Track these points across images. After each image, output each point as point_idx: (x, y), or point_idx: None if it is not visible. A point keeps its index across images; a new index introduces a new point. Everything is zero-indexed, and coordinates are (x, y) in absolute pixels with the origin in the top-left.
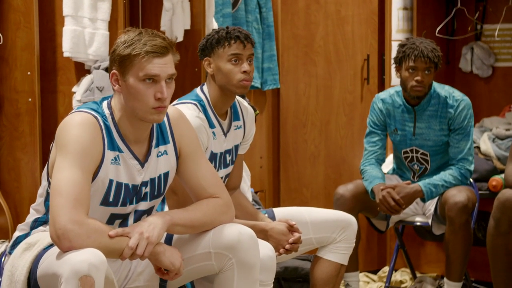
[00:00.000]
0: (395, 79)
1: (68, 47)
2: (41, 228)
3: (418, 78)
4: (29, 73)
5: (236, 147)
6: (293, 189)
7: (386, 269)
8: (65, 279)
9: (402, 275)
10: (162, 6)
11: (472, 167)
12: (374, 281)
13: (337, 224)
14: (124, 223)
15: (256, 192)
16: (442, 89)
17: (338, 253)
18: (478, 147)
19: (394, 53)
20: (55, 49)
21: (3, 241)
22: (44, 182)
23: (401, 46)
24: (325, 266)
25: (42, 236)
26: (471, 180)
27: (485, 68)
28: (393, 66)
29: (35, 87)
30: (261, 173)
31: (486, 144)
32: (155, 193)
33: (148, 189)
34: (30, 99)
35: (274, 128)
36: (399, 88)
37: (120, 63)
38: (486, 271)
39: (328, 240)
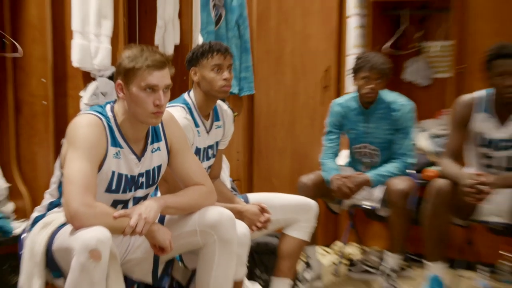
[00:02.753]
0: (350, 87)
1: (76, 58)
2: (55, 209)
3: (371, 86)
4: (43, 80)
5: (217, 143)
6: (264, 178)
7: (339, 243)
8: (77, 252)
9: (352, 249)
10: (155, 24)
11: (412, 161)
12: (329, 253)
13: (300, 207)
14: (125, 207)
15: (233, 181)
16: (390, 96)
17: (301, 231)
18: (417, 144)
19: (351, 65)
20: (65, 60)
21: (23, 221)
22: (57, 172)
23: (357, 59)
24: (290, 241)
25: (56, 216)
26: (411, 170)
27: (425, 78)
28: (349, 76)
29: (48, 92)
30: (238, 165)
31: (424, 141)
32: (150, 182)
33: (144, 179)
34: (44, 102)
35: (249, 127)
36: (356, 94)
37: (125, 75)
38: (421, 245)
39: (293, 220)
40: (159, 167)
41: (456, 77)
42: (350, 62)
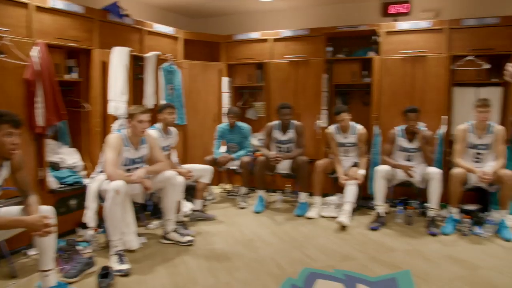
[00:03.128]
0: (225, 120)
1: (111, 111)
2: (101, 173)
3: (232, 121)
4: (98, 120)
5: (166, 146)
6: (190, 159)
7: (222, 184)
8: (110, 190)
9: (228, 186)
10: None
11: (250, 149)
12: (218, 187)
13: (205, 169)
14: (131, 172)
15: (178, 160)
16: (240, 123)
17: (205, 179)
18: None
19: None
20: (106, 111)
21: (87, 178)
22: (102, 157)
23: (229, 109)
24: (201, 184)
25: (102, 176)
26: (250, 153)
27: (254, 116)
28: (224, 116)
29: (100, 124)
30: (181, 153)
31: (255, 141)
32: (141, 162)
33: (139, 160)
34: (98, 129)
35: (185, 137)
36: (228, 123)
37: (130, 116)
38: (255, 183)
39: (202, 175)
40: (145, 155)
41: (267, 116)
42: (225, 110)
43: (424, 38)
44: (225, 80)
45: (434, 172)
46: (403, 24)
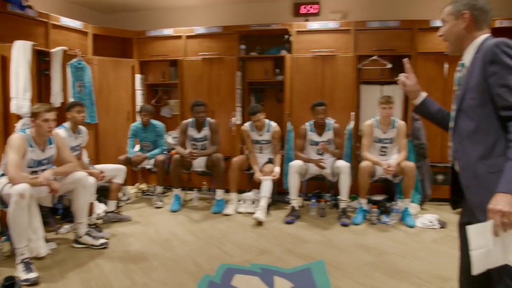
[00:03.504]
0: (138, 119)
1: (13, 109)
2: (3, 177)
3: (146, 118)
4: None
5: (76, 146)
6: (103, 158)
7: (137, 184)
8: (13, 194)
9: (143, 186)
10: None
11: (165, 148)
12: (133, 188)
13: (118, 169)
14: (37, 174)
15: (90, 160)
16: (154, 121)
17: (119, 179)
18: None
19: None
20: (9, 109)
21: None
22: (4, 159)
23: (140, 107)
24: (115, 184)
25: (4, 179)
26: (165, 152)
27: (169, 114)
28: (138, 114)
29: (1, 124)
30: (92, 152)
31: (170, 139)
32: (48, 163)
33: (45, 161)
34: None
35: (96, 136)
36: (140, 121)
37: (33, 115)
38: (171, 182)
39: (115, 175)
40: (52, 156)
41: (181, 114)
42: (138, 108)
43: (332, 38)
44: (138, 77)
45: (344, 165)
46: (313, 24)
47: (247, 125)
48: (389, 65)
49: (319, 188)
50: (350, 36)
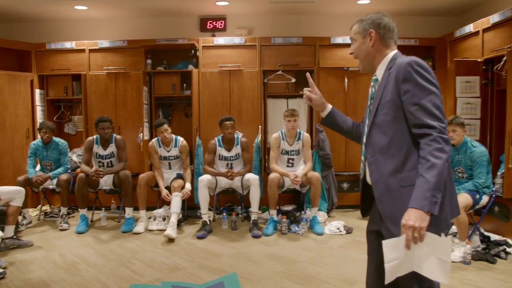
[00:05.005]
0: (38, 136)
1: None
2: None
3: (46, 136)
4: None
5: None
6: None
7: (39, 206)
8: None
9: (46, 207)
10: None
11: (69, 166)
12: (35, 210)
13: (17, 191)
14: None
15: None
16: (57, 139)
17: (17, 202)
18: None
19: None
20: None
21: None
22: None
23: (40, 124)
24: (13, 207)
25: None
26: (70, 170)
27: (73, 131)
28: (38, 132)
29: None
30: None
31: (75, 157)
32: None
33: None
34: None
35: None
36: (40, 139)
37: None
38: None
39: (13, 197)
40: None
41: (86, 131)
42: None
43: (239, 53)
44: (37, 92)
45: (253, 178)
46: (220, 40)
47: (154, 141)
48: (293, 80)
49: (230, 201)
50: (256, 52)
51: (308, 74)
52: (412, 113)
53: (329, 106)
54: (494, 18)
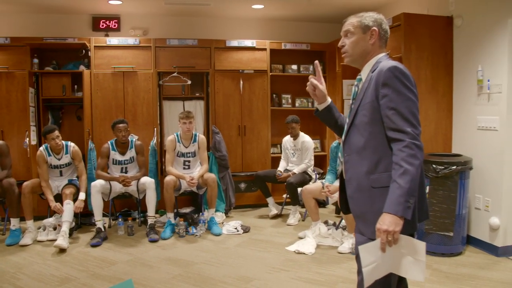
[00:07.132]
0: None
1: None
2: None
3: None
4: None
5: None
6: None
7: None
8: None
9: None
10: None
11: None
12: None
13: None
14: None
15: None
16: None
17: None
18: None
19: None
20: None
21: None
22: None
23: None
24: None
25: None
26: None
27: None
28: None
29: None
30: None
31: None
32: None
33: None
34: None
35: None
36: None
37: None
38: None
39: None
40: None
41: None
42: None
43: (133, 54)
44: None
45: (149, 181)
46: (113, 40)
47: (42, 149)
48: (189, 82)
49: (127, 206)
50: (151, 53)
51: (316, 62)
52: (388, 116)
53: (329, 99)
54: None
